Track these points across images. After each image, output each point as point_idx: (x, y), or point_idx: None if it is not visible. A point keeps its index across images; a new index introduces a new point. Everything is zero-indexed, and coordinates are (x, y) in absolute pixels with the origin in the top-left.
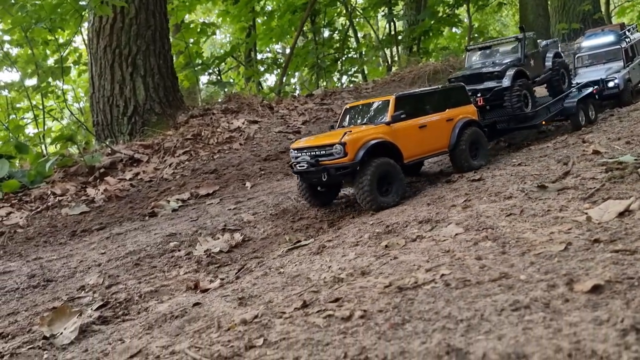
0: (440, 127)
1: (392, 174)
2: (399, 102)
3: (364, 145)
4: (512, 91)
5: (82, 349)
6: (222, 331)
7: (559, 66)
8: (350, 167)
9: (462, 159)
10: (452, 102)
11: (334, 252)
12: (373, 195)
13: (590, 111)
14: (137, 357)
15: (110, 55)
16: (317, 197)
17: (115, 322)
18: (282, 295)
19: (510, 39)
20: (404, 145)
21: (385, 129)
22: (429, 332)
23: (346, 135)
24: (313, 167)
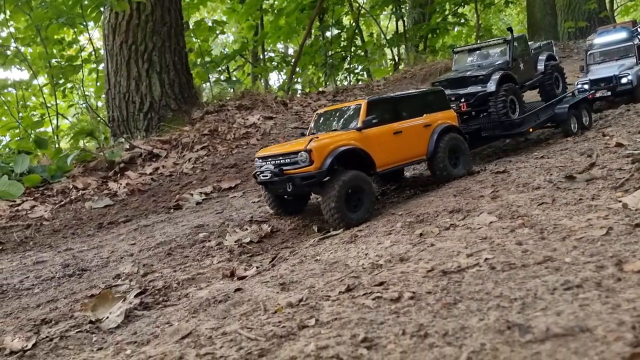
0: (417, 134)
1: (362, 188)
2: (372, 107)
3: (332, 153)
4: (497, 96)
5: (131, 332)
6: (270, 314)
7: (552, 69)
8: (316, 176)
9: (441, 167)
10: (430, 107)
11: (369, 241)
12: (341, 213)
13: (584, 117)
14: (188, 338)
15: (127, 52)
16: (284, 206)
17: (157, 308)
18: (323, 280)
19: (498, 41)
20: (376, 153)
21: (356, 135)
22: (484, 310)
23: (312, 142)
24: (277, 177)
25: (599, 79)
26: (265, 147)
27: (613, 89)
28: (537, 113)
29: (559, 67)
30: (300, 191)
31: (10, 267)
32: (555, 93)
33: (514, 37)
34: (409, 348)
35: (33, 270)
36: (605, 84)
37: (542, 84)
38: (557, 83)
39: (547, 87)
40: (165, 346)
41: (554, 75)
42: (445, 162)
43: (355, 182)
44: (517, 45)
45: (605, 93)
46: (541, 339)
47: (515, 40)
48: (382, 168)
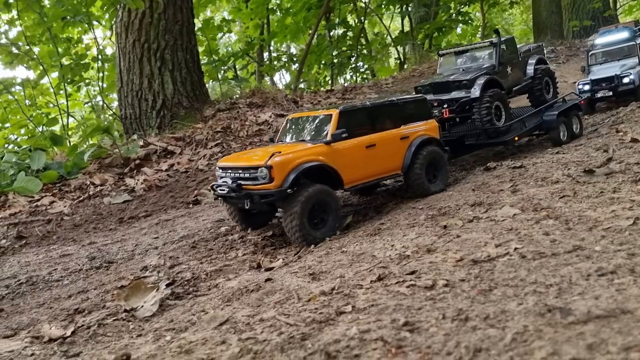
0: (392, 147)
1: (327, 203)
2: (344, 117)
3: (295, 169)
4: (481, 102)
5: (167, 320)
6: (304, 302)
7: (542, 74)
8: (276, 195)
9: (417, 183)
10: (410, 117)
11: (393, 233)
12: (304, 231)
13: (574, 124)
14: (226, 324)
15: (139, 50)
16: (249, 220)
17: (188, 298)
18: (352, 271)
19: (484, 44)
20: (345, 169)
21: (324, 149)
22: (521, 295)
23: (274, 157)
24: (234, 193)
25: (600, 79)
26: (227, 156)
27: (615, 88)
28: (523, 120)
29: (549, 72)
30: (259, 208)
31: (36, 260)
32: (545, 99)
33: (502, 39)
34: (451, 330)
35: (60, 262)
36: (607, 84)
37: (531, 89)
38: (548, 88)
39: (537, 92)
40: (205, 332)
41: (544, 79)
42: (421, 178)
43: (319, 198)
44: (505, 48)
45: (607, 93)
46: (583, 321)
47: (503, 43)
48: (350, 184)
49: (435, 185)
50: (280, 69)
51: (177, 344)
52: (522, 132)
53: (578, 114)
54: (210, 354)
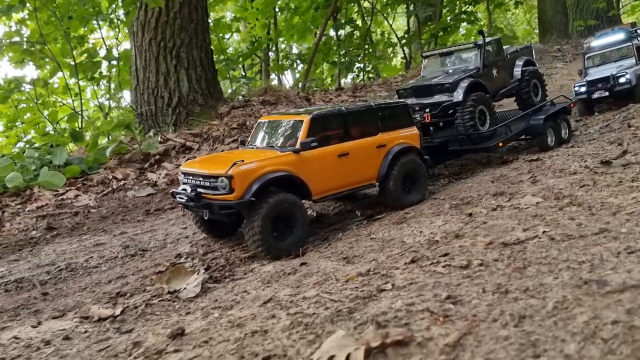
0: (367, 156)
1: (292, 214)
2: (315, 124)
3: (258, 180)
4: (464, 106)
5: (212, 300)
6: (342, 282)
7: (530, 76)
8: (236, 207)
9: (393, 195)
10: (388, 124)
11: (420, 221)
12: (266, 244)
13: (562, 129)
14: (270, 302)
15: (155, 48)
16: (214, 228)
17: (226, 282)
18: (384, 255)
19: (468, 46)
20: (314, 179)
21: (292, 158)
22: (556, 271)
23: (235, 167)
24: (192, 202)
25: (596, 80)
26: (192, 160)
27: (611, 89)
28: (509, 125)
29: (537, 74)
30: (220, 218)
31: (71, 249)
32: (532, 102)
33: (486, 41)
34: (493, 301)
35: (95, 251)
36: (603, 85)
37: (518, 92)
38: (536, 91)
39: (524, 95)
40: (251, 309)
41: (531, 82)
42: (397, 188)
43: (284, 208)
44: (490, 49)
45: (603, 94)
46: (620, 290)
47: (488, 44)
48: (320, 195)
49: (412, 197)
50: (288, 68)
51: (227, 320)
52: (506, 137)
53: (566, 118)
54: (262, 326)
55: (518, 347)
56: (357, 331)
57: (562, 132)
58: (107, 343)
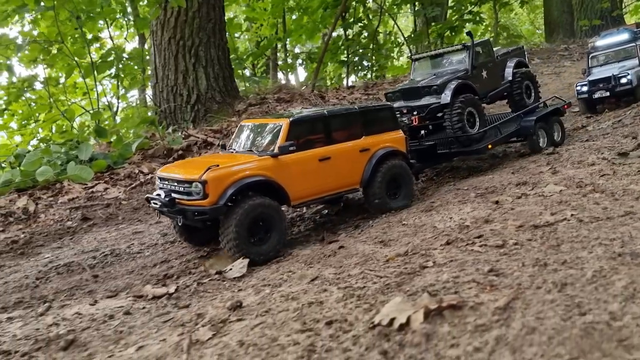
0: (350, 160)
1: (270, 217)
2: (295, 128)
3: (234, 185)
4: (452, 109)
5: (259, 279)
6: (383, 262)
7: (522, 77)
8: (209, 213)
9: (377, 199)
10: (373, 127)
11: (448, 208)
12: (242, 250)
13: (555, 132)
14: (317, 280)
15: (175, 47)
16: (193, 234)
17: (268, 264)
18: (418, 239)
19: (456, 48)
20: (292, 185)
21: (270, 162)
22: (589, 247)
23: (209, 172)
24: (166, 208)
25: (597, 80)
26: (169, 164)
27: (612, 89)
28: (498, 127)
29: (530, 75)
30: (195, 224)
31: (111, 237)
32: (525, 103)
33: (475, 42)
34: (534, 273)
35: (135, 238)
36: (604, 85)
37: (510, 94)
38: (529, 92)
39: (516, 96)
40: (300, 286)
41: (523, 83)
42: (381, 194)
43: (260, 212)
44: (480, 51)
45: (604, 94)
46: None
47: (478, 45)
48: (299, 201)
49: (396, 202)
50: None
51: (280, 295)
52: (496, 139)
53: (559, 119)
54: (316, 299)
55: (564, 308)
56: (411, 299)
57: (554, 134)
58: (169, 316)
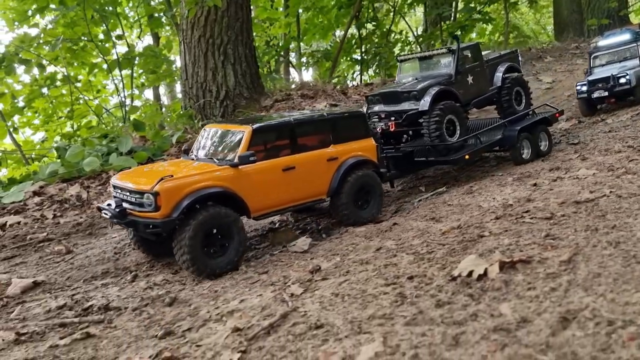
0: (316, 169)
1: (227, 228)
2: (258, 136)
3: (188, 197)
4: (430, 116)
5: (326, 250)
6: (439, 234)
7: (512, 83)
8: (161, 227)
9: (344, 212)
10: (342, 135)
11: (489, 190)
12: (196, 264)
13: (542, 141)
14: (381, 250)
15: (204, 45)
16: (151, 247)
17: (328, 239)
18: (466, 216)
19: (442, 51)
20: (253, 196)
21: (229, 172)
22: (633, 215)
23: (162, 183)
24: (116, 219)
25: (596, 80)
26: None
27: (610, 89)
28: (479, 136)
29: (520, 80)
30: (147, 236)
31: None
32: (514, 110)
33: (463, 46)
34: (588, 236)
35: None
36: (603, 85)
37: (498, 100)
38: (519, 99)
39: (505, 103)
40: (368, 254)
41: (513, 89)
42: (349, 204)
43: (217, 223)
44: (468, 55)
45: (603, 93)
46: None
47: (466, 49)
48: (260, 212)
49: (366, 212)
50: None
51: (352, 261)
52: (475, 149)
53: (546, 129)
54: (389, 262)
55: (622, 259)
56: (482, 257)
57: (541, 143)
58: (253, 280)
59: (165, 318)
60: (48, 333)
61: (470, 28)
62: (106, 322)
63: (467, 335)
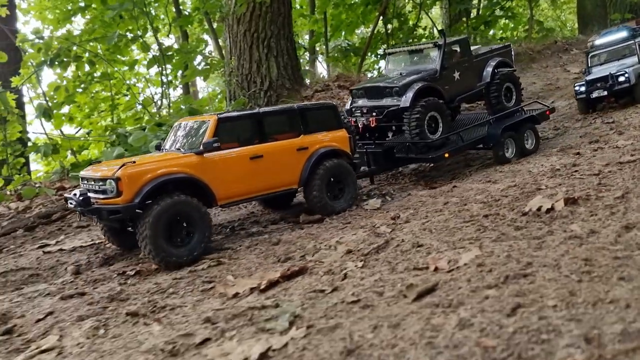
0: (285, 159)
1: (190, 217)
2: (223, 125)
3: (150, 182)
4: (411, 113)
5: (397, 206)
6: (499, 191)
7: (502, 79)
8: (122, 212)
9: (315, 200)
10: (312, 126)
11: (535, 159)
12: (157, 250)
13: (528, 139)
14: (448, 203)
15: (249, 39)
16: (122, 238)
17: (397, 198)
18: (520, 178)
19: (428, 45)
20: (219, 183)
21: (193, 160)
22: None
23: (123, 168)
24: (79, 207)
25: (595, 79)
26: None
27: (610, 88)
28: (461, 134)
29: (511, 76)
30: (112, 225)
31: None
32: (503, 107)
33: (451, 40)
34: (635, 183)
35: None
36: (602, 84)
37: (487, 96)
38: (509, 95)
39: (493, 99)
40: (437, 206)
41: (503, 85)
42: (321, 193)
43: (179, 211)
44: (456, 50)
45: (602, 93)
46: None
47: (454, 44)
48: (227, 200)
49: (339, 203)
50: (343, 60)
51: (425, 210)
52: (455, 147)
53: (533, 127)
54: (461, 209)
55: None
56: (547, 198)
57: (526, 142)
58: (341, 226)
59: (277, 252)
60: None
61: (493, 23)
62: (227, 256)
63: (547, 242)
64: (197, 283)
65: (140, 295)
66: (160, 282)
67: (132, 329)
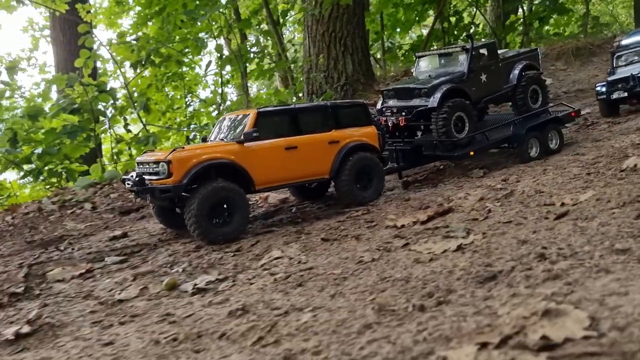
0: (318, 150)
1: (232, 200)
2: (261, 119)
3: (197, 166)
4: (439, 113)
5: (498, 173)
6: (591, 160)
7: (528, 81)
8: (172, 190)
9: (345, 190)
10: (343, 122)
11: (613, 139)
12: (202, 227)
13: (552, 139)
14: (547, 170)
15: (327, 38)
16: (171, 219)
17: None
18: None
19: (456, 49)
20: (257, 169)
21: (236, 148)
22: None
23: (174, 152)
24: (135, 187)
25: (616, 80)
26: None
27: (630, 89)
28: (485, 133)
29: (537, 79)
30: (162, 204)
31: None
32: (529, 108)
33: (478, 44)
34: None
35: None
36: (622, 85)
37: (513, 98)
38: (535, 97)
39: (519, 101)
40: (539, 172)
41: (529, 87)
42: (350, 184)
43: (223, 195)
44: (484, 53)
45: (622, 94)
46: None
47: (482, 47)
48: (264, 185)
49: (367, 193)
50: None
51: (529, 175)
52: (480, 146)
53: (558, 127)
54: (563, 171)
55: None
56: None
57: (551, 142)
58: (455, 189)
59: (412, 204)
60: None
61: (547, 19)
62: (370, 209)
63: None
64: (360, 222)
65: (318, 230)
66: (330, 223)
67: (329, 248)
